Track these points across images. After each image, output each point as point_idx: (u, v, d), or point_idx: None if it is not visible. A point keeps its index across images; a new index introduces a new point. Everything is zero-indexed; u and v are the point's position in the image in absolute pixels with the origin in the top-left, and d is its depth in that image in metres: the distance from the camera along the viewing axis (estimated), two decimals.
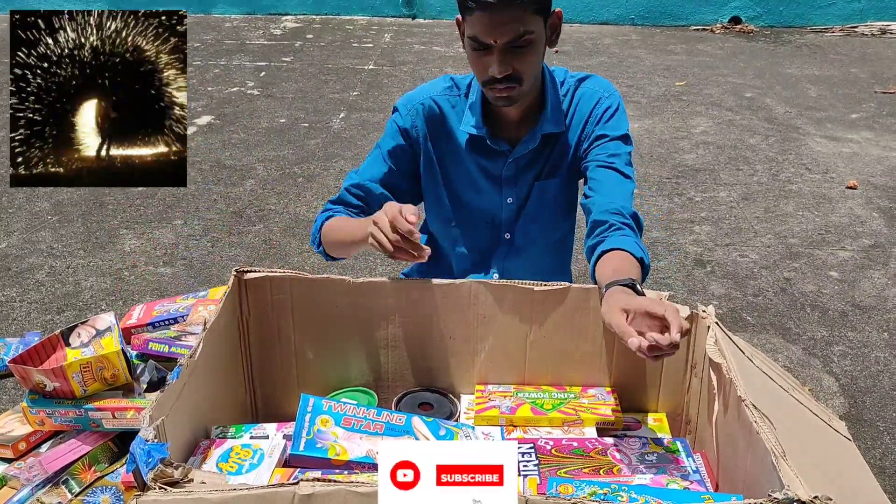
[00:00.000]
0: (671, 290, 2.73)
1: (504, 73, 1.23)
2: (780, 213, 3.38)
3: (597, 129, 1.37)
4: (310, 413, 1.04)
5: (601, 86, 1.41)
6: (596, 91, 1.40)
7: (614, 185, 1.32)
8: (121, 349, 1.15)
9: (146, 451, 0.78)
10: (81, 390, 1.14)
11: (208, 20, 7.03)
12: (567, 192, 1.46)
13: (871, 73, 5.63)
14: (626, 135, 1.38)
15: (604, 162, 1.34)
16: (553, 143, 1.40)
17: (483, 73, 1.26)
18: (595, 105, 1.38)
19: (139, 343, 1.28)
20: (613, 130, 1.37)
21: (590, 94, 1.39)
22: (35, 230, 3.12)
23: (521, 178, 1.43)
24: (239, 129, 4.31)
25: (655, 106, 4.80)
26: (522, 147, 1.39)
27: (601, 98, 1.39)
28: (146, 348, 1.27)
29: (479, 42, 1.22)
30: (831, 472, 0.93)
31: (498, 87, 1.25)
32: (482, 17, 1.19)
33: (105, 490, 1.11)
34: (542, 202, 1.45)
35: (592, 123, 1.38)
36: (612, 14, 7.17)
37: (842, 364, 2.35)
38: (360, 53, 6.01)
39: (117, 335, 1.21)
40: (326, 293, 1.18)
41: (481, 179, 1.44)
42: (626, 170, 1.34)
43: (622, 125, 1.38)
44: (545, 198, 1.45)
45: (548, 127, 1.37)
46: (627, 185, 1.33)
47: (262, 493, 0.77)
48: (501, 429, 1.15)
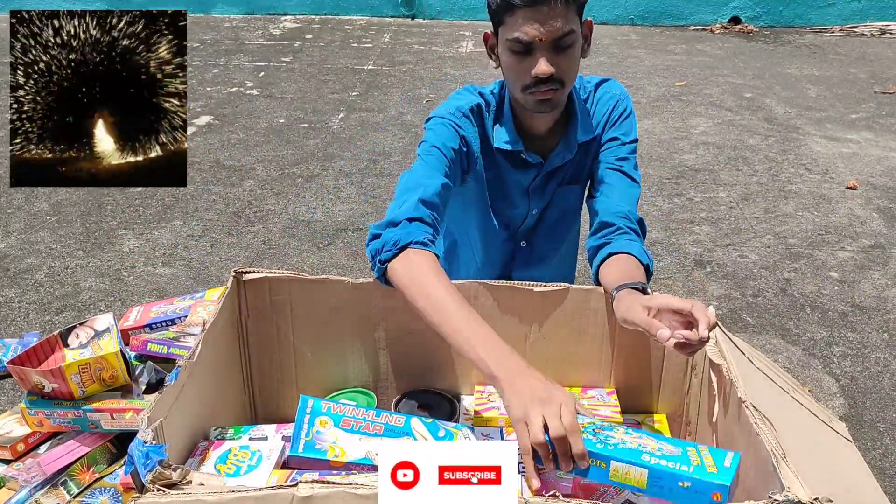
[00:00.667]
0: (671, 290, 2.73)
1: (549, 73, 1.19)
2: (779, 213, 3.38)
3: (610, 131, 1.37)
4: (309, 414, 1.04)
5: (618, 89, 1.41)
6: (614, 94, 1.39)
7: (623, 188, 1.32)
8: (119, 350, 1.15)
9: (144, 452, 0.78)
10: (80, 391, 1.13)
11: (207, 20, 7.03)
12: (582, 195, 1.46)
13: (870, 73, 5.63)
14: (635, 139, 1.38)
15: (613, 165, 1.34)
16: (582, 151, 1.39)
17: (525, 76, 1.22)
18: (613, 108, 1.38)
19: (138, 344, 1.28)
20: (626, 135, 1.36)
21: (607, 98, 1.38)
22: (34, 231, 3.12)
23: (547, 188, 1.42)
24: (238, 130, 4.31)
25: (655, 106, 4.80)
26: (558, 158, 1.36)
27: (619, 101, 1.38)
28: (145, 349, 1.27)
29: (523, 43, 1.18)
30: (832, 473, 0.92)
31: (542, 88, 1.21)
32: (527, 13, 1.16)
33: (104, 491, 1.10)
34: (561, 208, 1.45)
35: (609, 125, 1.37)
36: (612, 14, 7.17)
37: (842, 365, 2.35)
38: (360, 53, 6.01)
39: (116, 336, 1.21)
40: (325, 294, 1.18)
41: (514, 192, 1.41)
42: (634, 174, 1.34)
43: (633, 130, 1.38)
44: (564, 204, 1.44)
45: (581, 136, 1.35)
46: (635, 189, 1.34)
47: (261, 494, 0.77)
48: (501, 430, 1.15)
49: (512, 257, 1.50)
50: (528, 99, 1.24)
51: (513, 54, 1.21)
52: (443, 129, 1.29)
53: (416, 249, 1.09)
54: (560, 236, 1.49)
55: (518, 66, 1.21)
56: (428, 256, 1.09)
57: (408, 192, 1.18)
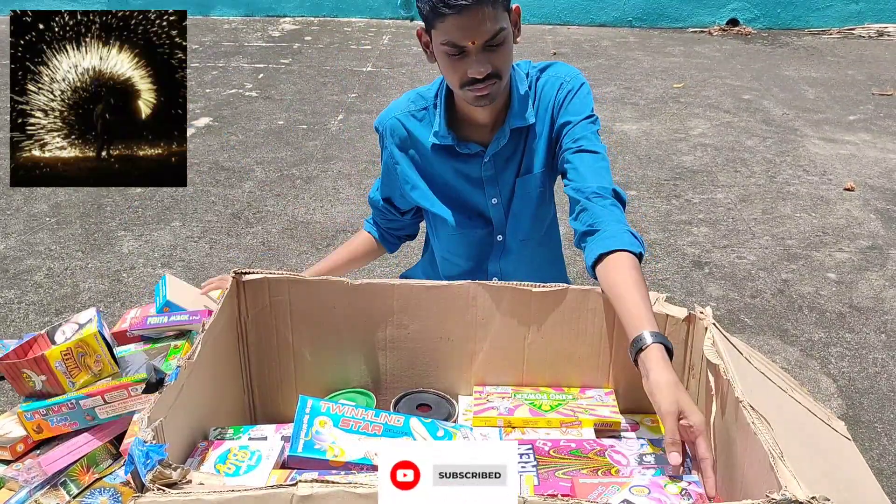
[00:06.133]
0: (669, 291, 2.73)
1: (485, 73, 1.23)
2: (777, 214, 3.38)
3: (561, 116, 1.37)
4: (308, 414, 1.04)
5: (563, 71, 1.40)
6: (558, 77, 1.39)
7: (589, 164, 1.32)
8: (98, 331, 1.15)
9: (144, 452, 0.78)
10: (69, 383, 1.13)
11: (206, 22, 7.03)
12: (548, 183, 1.47)
13: (868, 75, 5.65)
14: (590, 115, 1.37)
15: (573, 147, 1.34)
16: (525, 137, 1.41)
17: (461, 77, 1.26)
18: (557, 91, 1.38)
19: (138, 321, 1.29)
20: (577, 114, 1.36)
21: (553, 81, 1.39)
22: (33, 232, 3.12)
23: (501, 178, 1.43)
24: (237, 131, 4.31)
25: (653, 108, 4.81)
26: (494, 145, 1.39)
27: (563, 83, 1.38)
28: (145, 325, 1.27)
29: (457, 46, 1.22)
30: (830, 472, 0.93)
31: (478, 86, 1.26)
32: (457, 20, 1.19)
33: (103, 492, 1.11)
34: (526, 198, 1.45)
35: (556, 110, 1.38)
36: (610, 16, 7.18)
37: (839, 365, 2.35)
38: (359, 55, 6.02)
39: (96, 322, 1.21)
40: (324, 294, 1.18)
41: (463, 185, 1.44)
42: (596, 147, 1.34)
43: (585, 107, 1.37)
44: (528, 194, 1.45)
45: (515, 121, 1.37)
46: (601, 161, 1.33)
47: (261, 494, 0.77)
48: (500, 430, 1.15)
49: (487, 252, 1.51)
50: (467, 94, 1.29)
51: (448, 56, 1.25)
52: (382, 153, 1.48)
53: None
54: (531, 226, 1.49)
55: (454, 66, 1.26)
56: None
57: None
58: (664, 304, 1.16)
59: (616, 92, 5.14)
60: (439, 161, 1.42)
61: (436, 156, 1.42)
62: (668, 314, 1.15)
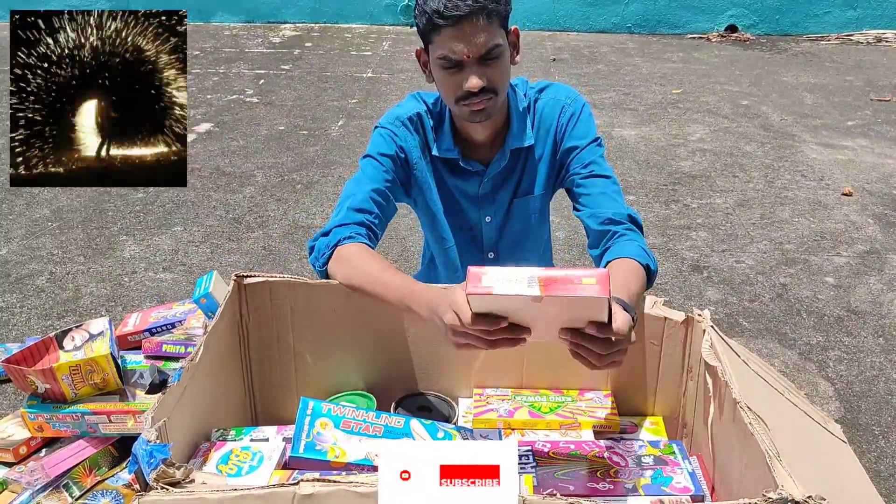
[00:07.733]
0: (667, 295, 2.75)
1: (479, 86, 1.23)
2: (775, 219, 3.40)
3: (566, 141, 1.37)
4: (309, 416, 1.05)
5: (562, 93, 1.40)
6: (558, 100, 1.39)
7: (601, 189, 1.33)
8: (110, 353, 1.16)
9: (148, 451, 0.79)
10: (72, 393, 1.14)
11: (207, 28, 7.06)
12: (546, 205, 1.47)
13: (866, 80, 5.67)
14: (595, 139, 1.38)
15: (583, 172, 1.35)
16: (524, 159, 1.41)
17: (457, 91, 1.26)
18: (560, 114, 1.38)
19: (151, 346, 1.29)
20: (582, 139, 1.36)
21: (552, 104, 1.39)
22: (35, 236, 3.13)
23: (497, 197, 1.44)
24: (238, 137, 4.32)
25: (652, 113, 4.83)
26: (495, 166, 1.39)
27: (564, 106, 1.38)
28: (160, 351, 1.28)
29: (452, 60, 1.23)
30: (826, 473, 0.94)
31: (474, 101, 1.25)
32: (453, 32, 1.20)
33: (105, 494, 1.11)
34: (523, 220, 1.46)
35: (560, 133, 1.38)
36: (609, 22, 7.21)
37: (837, 369, 2.36)
38: (359, 61, 6.04)
39: (109, 340, 1.22)
40: (325, 298, 1.19)
41: (461, 200, 1.45)
42: (606, 171, 1.35)
43: (590, 131, 1.38)
44: (526, 215, 1.46)
45: (515, 142, 1.38)
46: (611, 185, 1.34)
47: (263, 493, 0.78)
48: (499, 432, 1.16)
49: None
50: (462, 110, 1.29)
51: (443, 70, 1.26)
52: (380, 139, 1.39)
53: (344, 245, 1.21)
54: (527, 248, 1.50)
55: (449, 80, 1.26)
56: (355, 246, 1.21)
57: (340, 205, 1.32)
58: (662, 308, 1.17)
59: (615, 97, 5.16)
60: (443, 174, 1.43)
61: (439, 167, 1.42)
62: (666, 317, 1.16)
